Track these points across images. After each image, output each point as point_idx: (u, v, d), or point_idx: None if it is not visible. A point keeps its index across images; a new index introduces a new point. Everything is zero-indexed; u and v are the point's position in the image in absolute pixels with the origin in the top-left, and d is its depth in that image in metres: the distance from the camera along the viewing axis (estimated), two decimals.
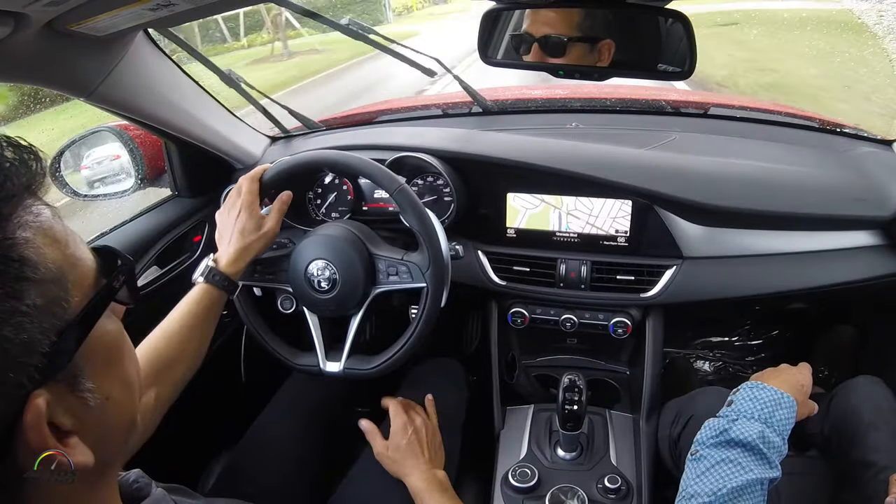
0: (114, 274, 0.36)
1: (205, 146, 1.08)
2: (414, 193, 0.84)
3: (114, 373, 0.36)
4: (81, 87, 0.80)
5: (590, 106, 1.32)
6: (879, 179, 0.97)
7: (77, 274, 0.33)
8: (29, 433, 0.30)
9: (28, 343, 0.30)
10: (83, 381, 0.33)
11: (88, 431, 0.33)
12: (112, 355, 0.36)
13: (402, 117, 1.36)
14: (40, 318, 0.30)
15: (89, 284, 0.34)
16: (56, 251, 0.32)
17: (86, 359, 0.33)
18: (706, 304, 1.03)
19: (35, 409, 0.30)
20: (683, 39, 0.71)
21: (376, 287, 0.87)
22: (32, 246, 0.31)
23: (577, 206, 1.02)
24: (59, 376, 0.32)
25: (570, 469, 0.96)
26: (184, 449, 0.88)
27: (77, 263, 0.33)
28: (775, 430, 0.66)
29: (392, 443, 0.88)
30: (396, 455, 0.86)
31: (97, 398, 0.34)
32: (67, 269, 0.32)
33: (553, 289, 1.05)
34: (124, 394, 0.37)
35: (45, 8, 0.56)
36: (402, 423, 0.89)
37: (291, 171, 0.88)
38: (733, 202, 0.94)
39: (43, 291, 0.31)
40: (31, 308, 0.30)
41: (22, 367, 0.30)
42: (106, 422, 0.35)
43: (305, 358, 0.91)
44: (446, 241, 0.86)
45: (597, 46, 0.77)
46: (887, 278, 0.95)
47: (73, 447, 0.32)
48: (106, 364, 0.35)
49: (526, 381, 1.20)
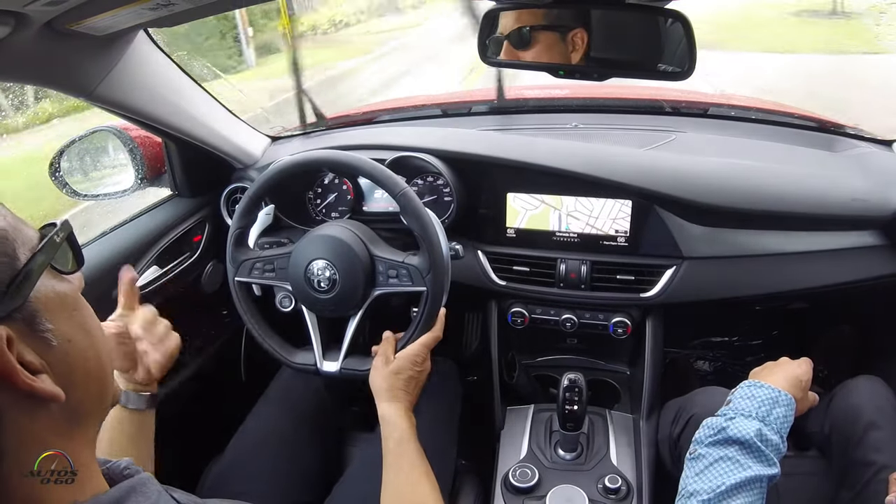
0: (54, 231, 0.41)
1: (205, 146, 1.08)
2: (416, 197, 0.85)
3: (73, 320, 0.40)
4: (81, 86, 0.80)
5: (590, 106, 1.32)
6: (879, 179, 0.97)
7: (21, 237, 0.38)
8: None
9: None
10: (41, 321, 0.37)
11: (56, 371, 0.37)
12: (67, 304, 0.41)
13: (402, 117, 1.36)
14: None
15: (34, 246, 0.39)
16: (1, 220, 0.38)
17: (41, 304, 0.38)
18: (706, 304, 1.03)
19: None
20: (683, 40, 0.71)
21: (376, 289, 0.87)
22: None
23: (577, 206, 1.02)
24: (16, 315, 0.36)
25: (570, 469, 0.96)
26: (184, 449, 0.88)
27: (20, 230, 0.39)
28: (773, 428, 0.66)
29: (396, 365, 0.83)
30: (394, 377, 0.82)
31: (58, 339, 0.38)
32: (12, 231, 0.38)
33: (553, 289, 1.05)
34: (86, 339, 0.41)
35: (44, 7, 0.56)
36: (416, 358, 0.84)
37: (291, 171, 0.88)
38: (733, 202, 0.94)
39: None
40: None
41: None
42: (70, 362, 0.39)
43: (302, 357, 0.91)
44: (447, 243, 0.86)
45: (567, 37, 0.76)
46: (887, 278, 0.96)
47: (43, 381, 0.36)
48: (61, 310, 0.39)
49: (526, 381, 1.20)
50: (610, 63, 0.78)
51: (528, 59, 0.80)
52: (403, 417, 0.78)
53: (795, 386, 0.73)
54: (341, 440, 1.06)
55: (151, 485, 0.42)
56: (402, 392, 0.81)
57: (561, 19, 0.77)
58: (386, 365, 0.83)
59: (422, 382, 0.85)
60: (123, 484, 0.40)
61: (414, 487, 0.72)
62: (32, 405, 0.36)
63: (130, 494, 0.40)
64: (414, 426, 0.78)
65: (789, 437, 0.68)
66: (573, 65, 0.79)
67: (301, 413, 0.98)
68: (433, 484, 0.73)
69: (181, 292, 1.08)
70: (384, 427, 0.78)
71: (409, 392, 0.82)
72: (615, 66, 0.79)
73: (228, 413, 1.04)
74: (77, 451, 0.39)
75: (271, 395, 1.02)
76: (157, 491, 0.42)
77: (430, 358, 0.87)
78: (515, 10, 0.80)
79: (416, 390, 0.84)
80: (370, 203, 1.12)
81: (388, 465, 0.74)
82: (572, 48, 0.76)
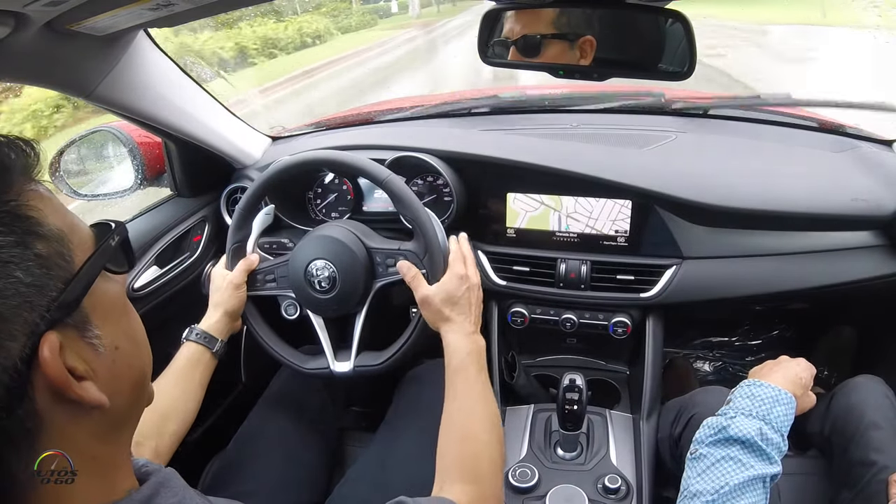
0: (110, 233, 0.40)
1: (205, 146, 1.08)
2: (403, 182, 0.84)
3: (120, 326, 0.40)
4: (81, 86, 0.80)
5: (590, 106, 1.32)
6: (879, 179, 0.96)
7: (77, 238, 0.38)
8: (46, 368, 0.34)
9: (38, 287, 0.34)
10: (91, 328, 0.37)
11: (100, 378, 0.37)
12: (116, 309, 0.40)
13: (402, 117, 1.36)
14: (48, 266, 0.35)
15: (89, 247, 0.38)
16: (57, 218, 0.37)
17: (91, 308, 0.37)
18: (706, 304, 1.03)
19: (50, 343, 0.34)
20: (683, 40, 0.71)
21: (377, 280, 0.87)
22: (37, 209, 0.36)
23: (577, 207, 1.02)
24: (68, 320, 0.35)
25: (570, 469, 0.96)
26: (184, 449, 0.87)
27: (75, 229, 0.38)
28: (773, 427, 0.66)
29: (445, 288, 0.79)
30: (447, 303, 0.78)
31: (106, 346, 0.38)
32: (68, 231, 0.37)
33: (553, 288, 1.05)
34: (132, 346, 0.41)
35: (44, 8, 0.56)
36: (462, 274, 0.81)
37: (291, 170, 0.88)
38: (733, 202, 0.94)
39: (48, 245, 0.35)
40: (38, 256, 0.34)
41: (34, 307, 0.34)
42: (116, 371, 0.39)
43: (314, 361, 0.91)
44: (442, 231, 0.86)
45: (577, 43, 0.76)
46: (887, 278, 0.96)
47: (88, 388, 0.36)
48: (111, 316, 0.39)
49: (526, 381, 1.20)
50: (610, 63, 0.78)
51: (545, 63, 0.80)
52: (463, 342, 0.76)
53: (795, 384, 0.73)
54: (341, 440, 1.06)
55: (177, 480, 0.44)
56: (461, 316, 0.79)
57: (571, 27, 0.76)
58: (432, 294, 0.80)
59: (476, 297, 0.82)
60: (152, 480, 0.42)
61: (465, 416, 0.71)
62: (76, 411, 0.36)
63: (160, 490, 0.41)
64: (476, 350, 0.76)
65: (789, 438, 0.68)
66: (573, 65, 0.78)
67: (301, 413, 0.98)
68: (486, 411, 0.72)
69: (181, 292, 1.08)
70: (445, 354, 0.77)
71: (467, 311, 0.79)
72: (615, 66, 0.79)
73: (228, 413, 1.04)
74: (116, 454, 0.40)
75: (271, 395, 1.02)
76: (182, 486, 0.43)
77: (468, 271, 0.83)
78: (515, 9, 0.80)
79: (474, 304, 0.81)
80: (370, 203, 1.12)
81: (446, 393, 0.74)
82: (581, 55, 0.76)
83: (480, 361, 0.76)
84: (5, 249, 0.33)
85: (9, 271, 0.33)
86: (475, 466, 0.67)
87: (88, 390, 0.36)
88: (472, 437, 0.69)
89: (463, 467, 0.67)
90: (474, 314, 0.80)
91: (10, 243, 0.33)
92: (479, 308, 0.83)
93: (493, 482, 0.67)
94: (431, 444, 0.73)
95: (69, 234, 0.37)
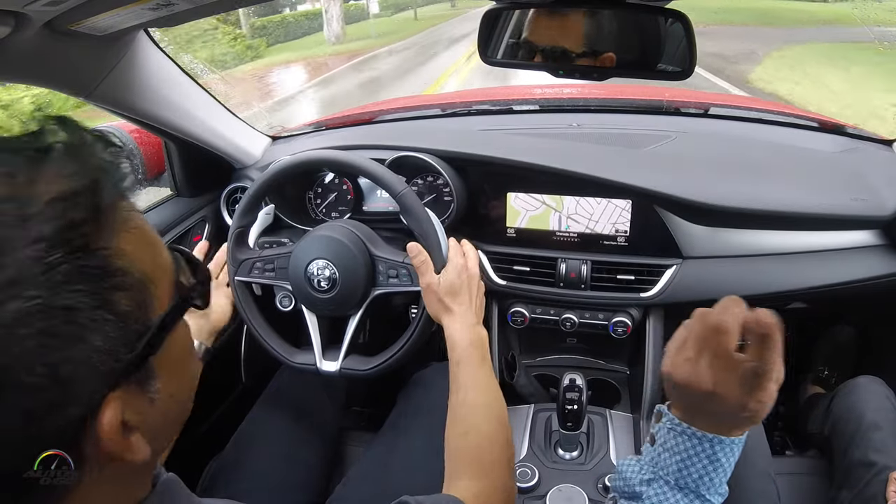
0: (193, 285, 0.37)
1: (205, 146, 1.08)
2: (416, 197, 0.85)
3: (180, 372, 0.37)
4: (81, 86, 0.80)
5: (590, 106, 1.32)
6: (879, 179, 0.97)
7: (160, 278, 0.34)
8: (103, 433, 0.30)
9: (112, 351, 0.30)
10: (154, 382, 0.34)
11: (148, 426, 0.34)
12: (182, 356, 0.37)
13: (402, 116, 1.36)
14: (126, 325, 0.31)
15: (169, 288, 0.35)
16: (146, 256, 0.32)
17: (159, 361, 0.34)
18: (706, 304, 1.02)
19: (113, 411, 0.30)
20: (683, 40, 0.71)
21: (376, 288, 0.87)
22: (128, 255, 0.31)
23: (578, 206, 1.02)
24: (133, 378, 0.32)
25: (570, 469, 0.96)
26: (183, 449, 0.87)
27: (160, 267, 0.34)
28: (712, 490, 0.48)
29: (446, 279, 0.79)
30: (449, 293, 0.78)
31: (161, 396, 0.34)
32: (152, 273, 0.33)
33: (553, 288, 1.05)
34: (185, 391, 0.38)
35: (44, 7, 0.56)
36: (461, 264, 0.81)
37: (291, 170, 0.88)
38: (733, 202, 0.94)
39: (132, 298, 0.31)
40: (119, 316, 0.30)
41: (102, 373, 0.30)
42: (166, 417, 0.36)
43: (302, 356, 0.91)
44: (447, 244, 0.86)
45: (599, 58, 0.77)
46: (887, 278, 0.95)
47: (135, 444, 0.32)
48: (175, 364, 0.36)
49: (526, 381, 1.20)
50: None
51: None
52: (465, 333, 0.75)
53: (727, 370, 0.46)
54: (341, 440, 1.06)
55: (179, 487, 0.42)
56: (461, 307, 0.78)
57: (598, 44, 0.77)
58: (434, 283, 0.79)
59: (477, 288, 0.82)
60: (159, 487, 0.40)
61: (468, 408, 0.70)
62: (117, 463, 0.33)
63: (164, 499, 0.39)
64: (478, 341, 0.75)
65: (790, 438, 0.68)
66: (573, 65, 0.79)
67: (301, 413, 0.98)
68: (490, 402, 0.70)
69: None
70: (447, 346, 0.76)
71: (467, 302, 0.79)
72: (615, 65, 0.79)
73: (228, 413, 1.04)
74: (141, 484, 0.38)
75: (271, 395, 1.02)
76: (186, 495, 0.42)
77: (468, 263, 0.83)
78: (513, 9, 0.80)
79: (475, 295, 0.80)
80: (370, 203, 1.12)
81: (450, 386, 0.73)
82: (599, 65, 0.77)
83: (483, 352, 0.75)
84: (85, 313, 0.28)
85: (84, 336, 0.29)
86: (480, 460, 0.65)
87: (136, 452, 0.32)
88: (475, 430, 0.68)
89: (468, 462, 0.66)
90: (476, 305, 0.80)
91: (90, 306, 0.29)
92: (482, 301, 0.82)
93: (501, 474, 0.65)
94: (436, 446, 0.72)
95: (153, 277, 0.32)
